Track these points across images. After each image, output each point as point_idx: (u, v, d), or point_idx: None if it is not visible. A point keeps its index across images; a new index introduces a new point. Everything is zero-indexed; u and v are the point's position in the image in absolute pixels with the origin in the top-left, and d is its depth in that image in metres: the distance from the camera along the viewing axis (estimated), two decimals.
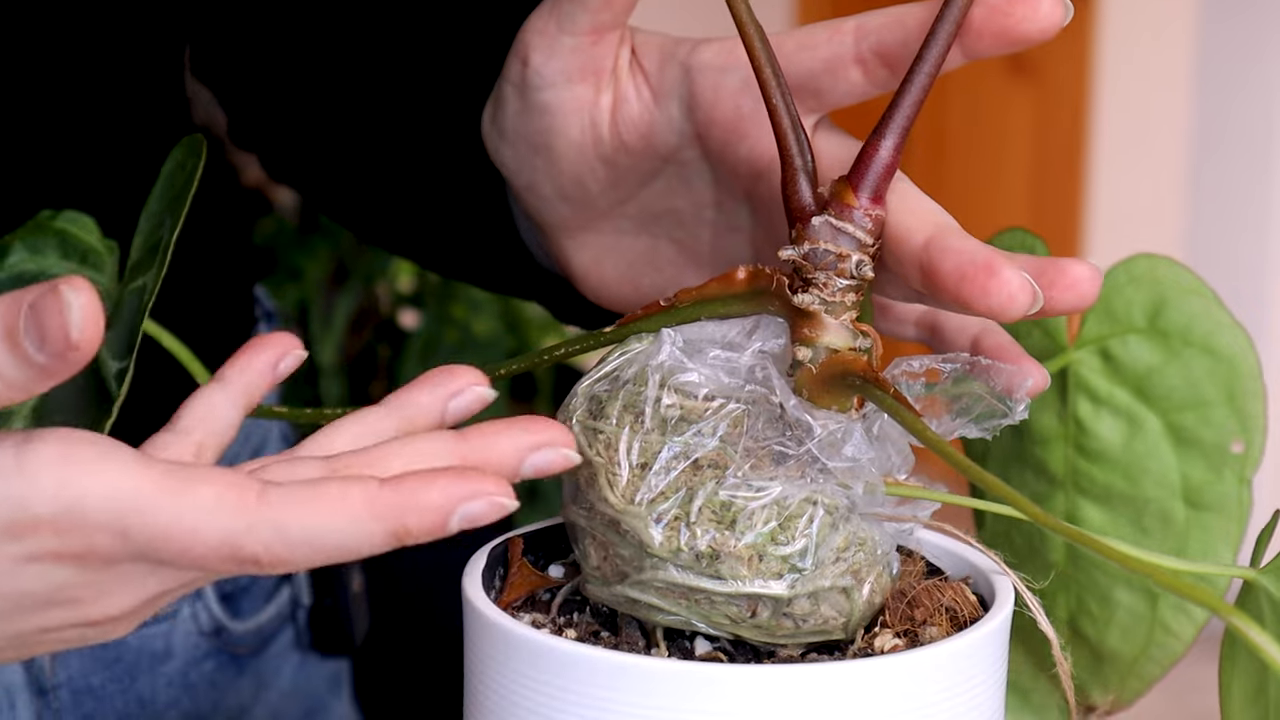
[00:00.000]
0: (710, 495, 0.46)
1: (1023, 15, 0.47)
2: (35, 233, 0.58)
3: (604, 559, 0.48)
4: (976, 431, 0.47)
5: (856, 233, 0.48)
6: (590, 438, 0.47)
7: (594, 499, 0.47)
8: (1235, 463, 0.56)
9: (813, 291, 0.48)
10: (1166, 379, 0.56)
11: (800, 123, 0.49)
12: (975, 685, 0.46)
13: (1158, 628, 0.58)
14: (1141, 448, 0.57)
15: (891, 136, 0.48)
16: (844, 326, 0.48)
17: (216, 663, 0.75)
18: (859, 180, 0.48)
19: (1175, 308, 0.56)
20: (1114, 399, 0.57)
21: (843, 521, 0.47)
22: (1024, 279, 0.45)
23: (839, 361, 0.48)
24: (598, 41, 0.54)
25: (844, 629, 0.47)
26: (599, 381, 0.49)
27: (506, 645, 0.46)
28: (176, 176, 0.56)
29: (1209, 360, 0.56)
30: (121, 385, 0.52)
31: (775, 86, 0.49)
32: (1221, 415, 0.56)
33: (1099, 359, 0.57)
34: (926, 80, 0.48)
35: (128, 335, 0.53)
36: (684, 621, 0.47)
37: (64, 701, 0.70)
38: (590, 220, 0.59)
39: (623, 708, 0.44)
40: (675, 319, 0.49)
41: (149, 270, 0.54)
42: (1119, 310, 0.57)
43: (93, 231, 0.58)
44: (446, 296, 1.86)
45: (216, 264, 0.76)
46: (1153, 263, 0.56)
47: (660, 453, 0.46)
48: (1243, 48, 2.68)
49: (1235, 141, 2.72)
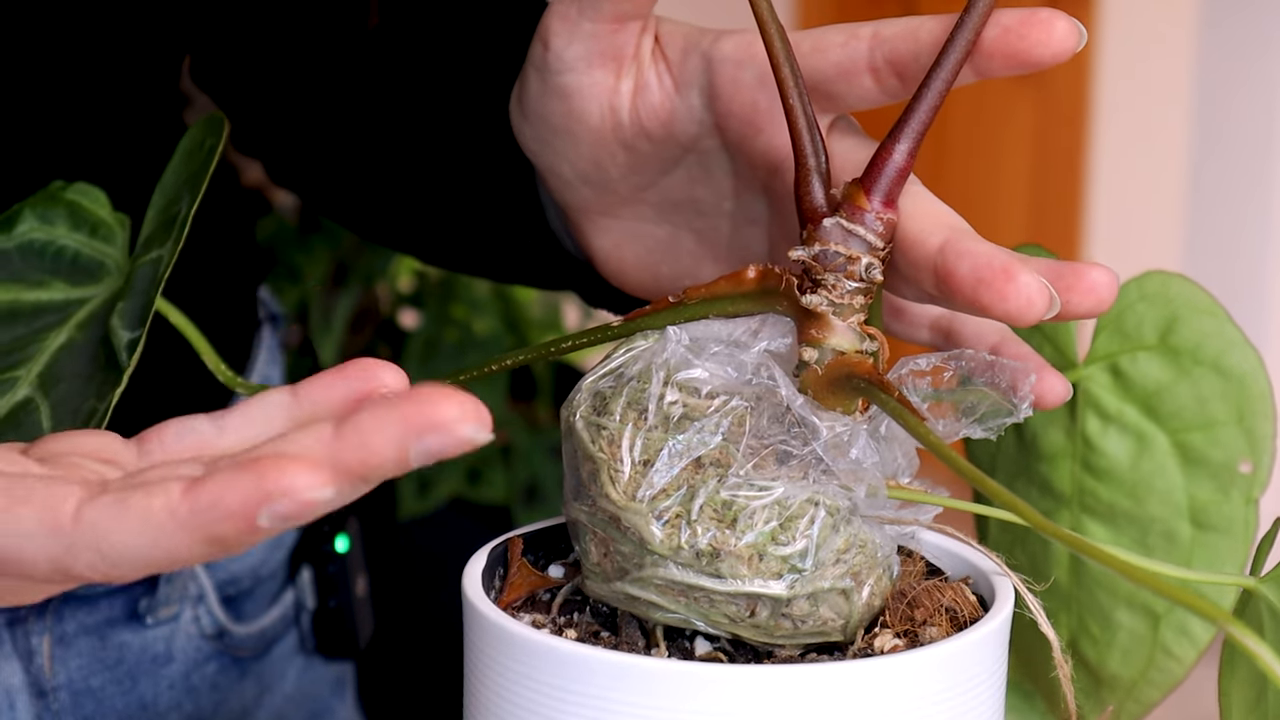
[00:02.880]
0: (712, 494, 0.46)
1: (1037, 39, 0.47)
2: (46, 202, 0.58)
3: (604, 556, 0.47)
4: (981, 432, 0.47)
5: (868, 235, 0.48)
6: (594, 433, 0.47)
7: (596, 495, 0.47)
8: (1243, 483, 0.56)
9: (821, 293, 0.48)
10: (1176, 397, 0.56)
11: (816, 123, 0.49)
12: (975, 685, 0.45)
13: (1159, 651, 0.57)
14: (1149, 466, 0.57)
15: (906, 141, 0.48)
16: (851, 329, 0.48)
17: (219, 665, 0.75)
18: (872, 183, 0.48)
19: (1187, 326, 0.56)
20: (1123, 416, 0.57)
21: (844, 523, 0.46)
22: (1041, 283, 0.44)
23: (845, 364, 0.48)
24: (619, 29, 0.54)
25: (842, 631, 0.47)
26: (603, 377, 0.48)
27: (506, 645, 0.46)
28: (195, 153, 0.56)
29: (1219, 380, 0.55)
30: (132, 356, 0.52)
31: (793, 86, 0.49)
32: (1230, 435, 0.56)
33: (1109, 375, 0.57)
34: (943, 86, 0.48)
35: (141, 306, 0.53)
36: (683, 620, 0.46)
37: (64, 703, 0.69)
38: (611, 205, 0.59)
39: (623, 708, 0.44)
40: (683, 316, 0.49)
41: (164, 243, 0.54)
42: (1130, 327, 0.57)
43: (104, 204, 0.58)
44: (446, 296, 1.85)
45: (219, 265, 0.76)
46: (1165, 280, 0.56)
47: (663, 450, 0.46)
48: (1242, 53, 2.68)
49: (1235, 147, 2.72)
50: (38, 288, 0.56)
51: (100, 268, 0.57)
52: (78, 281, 0.56)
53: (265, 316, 0.82)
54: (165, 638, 0.73)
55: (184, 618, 0.73)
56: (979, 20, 0.47)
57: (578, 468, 0.48)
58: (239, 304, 0.78)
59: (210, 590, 0.74)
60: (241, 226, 0.80)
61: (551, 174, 0.59)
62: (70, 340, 0.54)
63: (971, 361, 0.48)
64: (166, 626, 0.73)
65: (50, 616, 0.69)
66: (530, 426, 1.80)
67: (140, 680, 0.72)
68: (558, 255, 0.65)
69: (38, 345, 0.54)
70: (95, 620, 0.70)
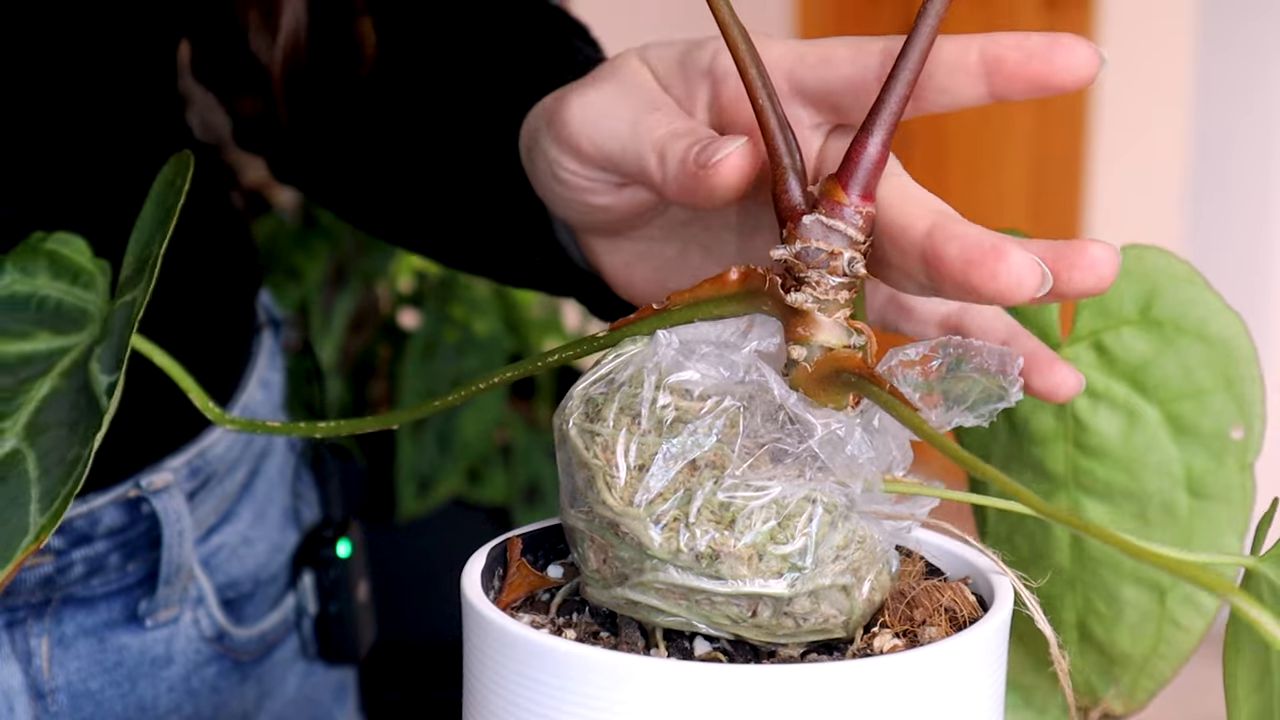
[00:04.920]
0: (709, 495, 0.46)
1: (1063, 64, 0.46)
2: (26, 254, 0.58)
3: (603, 562, 0.47)
4: (974, 419, 0.47)
5: (847, 230, 0.48)
6: (587, 440, 0.47)
7: (592, 501, 0.47)
8: (1236, 450, 0.56)
9: (805, 290, 0.48)
10: (1162, 369, 0.56)
11: (787, 122, 0.49)
12: (975, 685, 0.45)
13: (1167, 623, 0.57)
14: (1141, 441, 0.57)
15: (879, 133, 0.48)
16: (838, 324, 0.48)
17: (219, 668, 0.75)
18: (848, 177, 0.48)
19: (1167, 297, 0.56)
20: (1111, 393, 0.57)
21: (842, 519, 0.47)
22: (1031, 260, 0.44)
23: (834, 360, 0.48)
24: None
25: (844, 627, 0.47)
26: (595, 384, 0.49)
27: (506, 645, 0.45)
28: (166, 194, 0.56)
29: (1203, 347, 0.56)
30: (111, 399, 0.52)
31: (760, 87, 0.49)
32: (1219, 402, 0.56)
33: (1094, 353, 0.57)
34: (911, 76, 0.48)
35: (117, 349, 0.53)
36: (685, 623, 0.47)
37: (62, 705, 0.69)
38: (619, 229, 0.59)
39: (623, 708, 0.44)
40: (669, 321, 0.49)
41: (138, 285, 0.54)
42: (1111, 303, 0.57)
43: (83, 252, 0.59)
44: (446, 296, 1.85)
45: (213, 273, 0.76)
46: (1141, 253, 0.56)
47: (657, 454, 0.46)
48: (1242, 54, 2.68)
49: (1235, 141, 2.72)
50: (21, 339, 0.56)
51: (83, 314, 0.57)
52: (61, 330, 0.57)
53: (265, 320, 0.82)
54: (165, 640, 0.73)
55: (184, 620, 0.73)
56: (942, 5, 0.47)
57: (573, 475, 0.48)
58: (238, 309, 0.78)
59: (210, 593, 0.75)
60: (238, 233, 0.80)
61: (556, 205, 0.59)
62: (54, 389, 0.54)
63: (958, 347, 0.48)
64: (166, 629, 0.73)
65: (49, 618, 0.69)
66: (530, 426, 1.80)
67: (139, 682, 0.72)
68: (564, 265, 0.65)
69: (23, 396, 0.54)
70: (94, 622, 0.70)
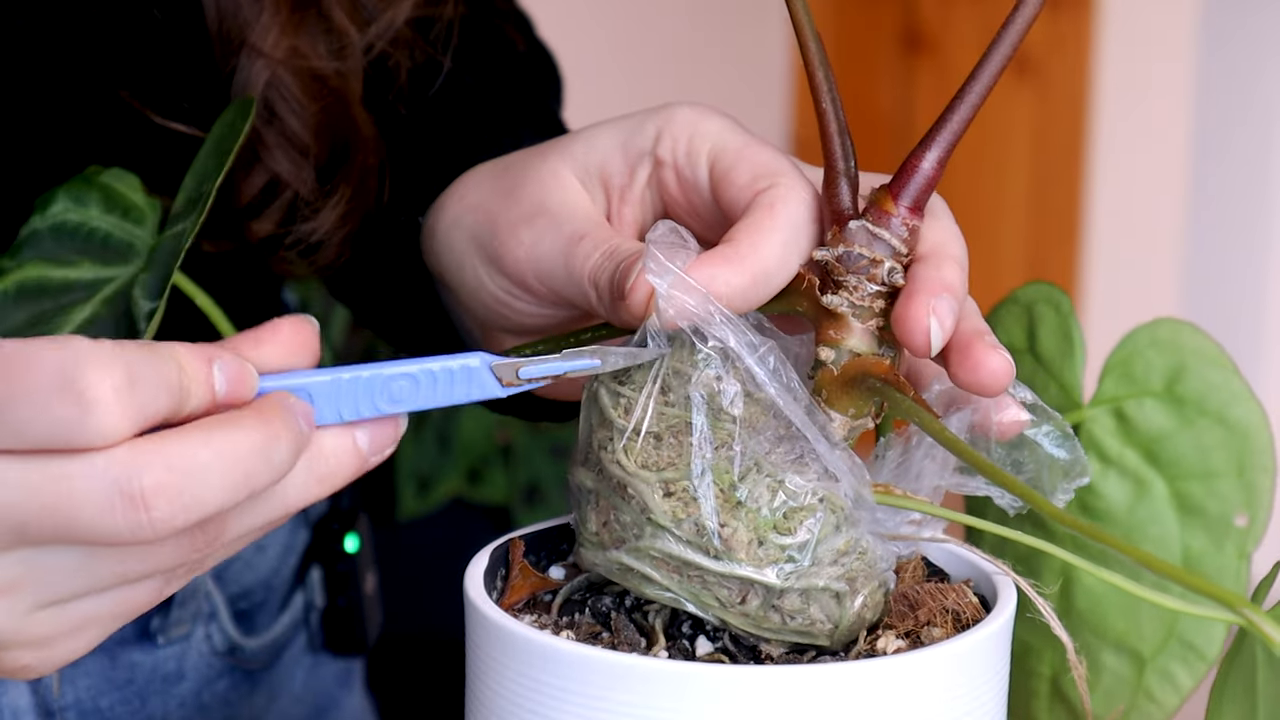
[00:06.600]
0: (721, 473, 0.46)
1: None
2: (80, 186, 0.59)
3: (604, 525, 0.47)
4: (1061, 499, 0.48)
5: (892, 240, 0.48)
6: (614, 399, 0.47)
7: (606, 460, 0.47)
8: (1237, 536, 0.56)
9: (842, 294, 0.48)
10: (1178, 445, 0.56)
11: (847, 128, 0.49)
12: (978, 686, 0.45)
13: (1141, 695, 0.57)
14: (1145, 512, 0.57)
15: (937, 150, 0.48)
16: (869, 333, 0.48)
17: (230, 681, 0.74)
18: (900, 189, 0.48)
19: (1194, 375, 0.56)
20: (1123, 460, 0.57)
21: (846, 525, 0.46)
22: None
23: (861, 364, 0.48)
24: None
25: (829, 636, 0.47)
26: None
27: (508, 646, 0.46)
28: (225, 137, 0.56)
29: (1222, 431, 0.56)
30: (150, 324, 0.53)
31: (826, 91, 0.49)
32: (1228, 487, 0.56)
33: (1113, 419, 0.57)
34: (977, 99, 0.48)
35: (161, 278, 0.54)
36: (673, 599, 0.46)
37: None
38: (521, 326, 0.58)
39: (623, 708, 0.44)
40: None
41: (188, 218, 0.54)
42: (1138, 372, 0.57)
43: (137, 189, 0.59)
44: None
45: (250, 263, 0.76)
46: (1176, 328, 0.56)
47: (678, 425, 0.46)
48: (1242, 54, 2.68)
49: (1235, 143, 2.71)
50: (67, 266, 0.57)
51: (129, 249, 0.58)
52: (107, 261, 0.57)
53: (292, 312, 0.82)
54: (177, 656, 0.72)
55: (196, 636, 0.72)
56: (1024, 25, 0.47)
57: (591, 433, 0.48)
58: (265, 303, 0.78)
59: (222, 606, 0.74)
60: None
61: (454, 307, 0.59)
62: (94, 315, 0.55)
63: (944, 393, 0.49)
64: (178, 645, 0.72)
65: None
66: (530, 426, 1.79)
67: (150, 700, 0.71)
68: None
69: (62, 319, 0.55)
70: (106, 640, 0.69)
